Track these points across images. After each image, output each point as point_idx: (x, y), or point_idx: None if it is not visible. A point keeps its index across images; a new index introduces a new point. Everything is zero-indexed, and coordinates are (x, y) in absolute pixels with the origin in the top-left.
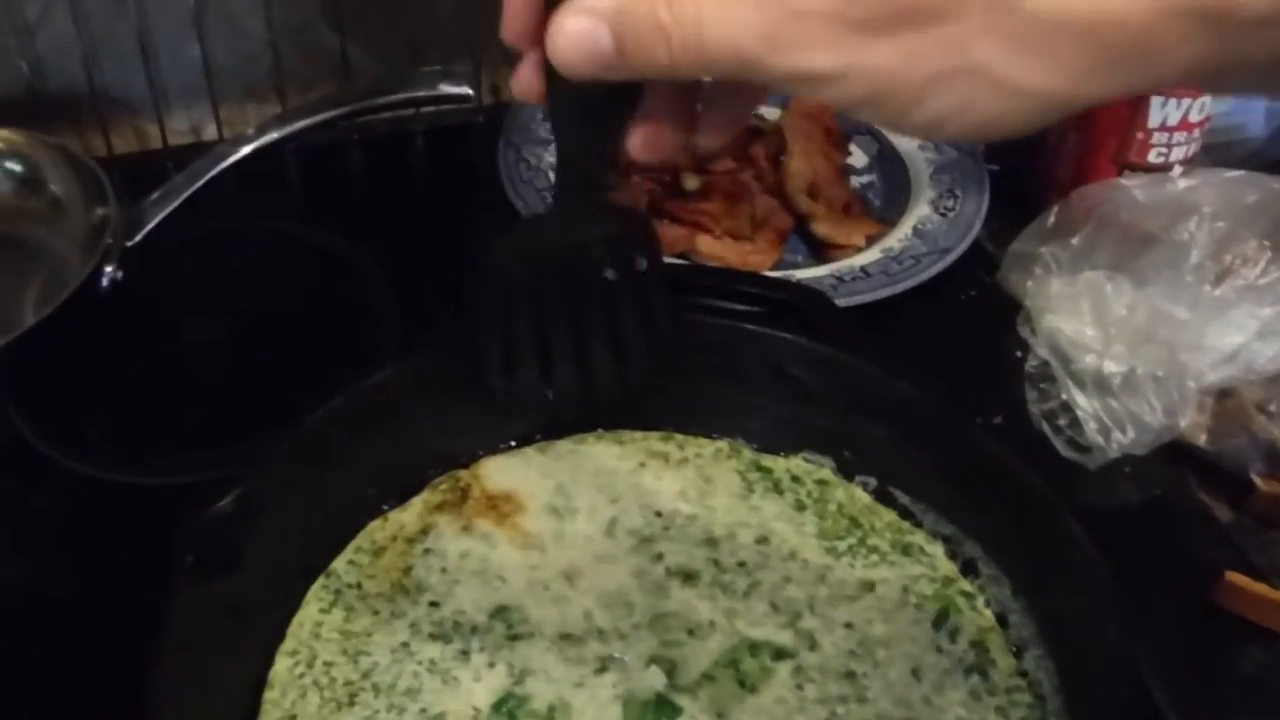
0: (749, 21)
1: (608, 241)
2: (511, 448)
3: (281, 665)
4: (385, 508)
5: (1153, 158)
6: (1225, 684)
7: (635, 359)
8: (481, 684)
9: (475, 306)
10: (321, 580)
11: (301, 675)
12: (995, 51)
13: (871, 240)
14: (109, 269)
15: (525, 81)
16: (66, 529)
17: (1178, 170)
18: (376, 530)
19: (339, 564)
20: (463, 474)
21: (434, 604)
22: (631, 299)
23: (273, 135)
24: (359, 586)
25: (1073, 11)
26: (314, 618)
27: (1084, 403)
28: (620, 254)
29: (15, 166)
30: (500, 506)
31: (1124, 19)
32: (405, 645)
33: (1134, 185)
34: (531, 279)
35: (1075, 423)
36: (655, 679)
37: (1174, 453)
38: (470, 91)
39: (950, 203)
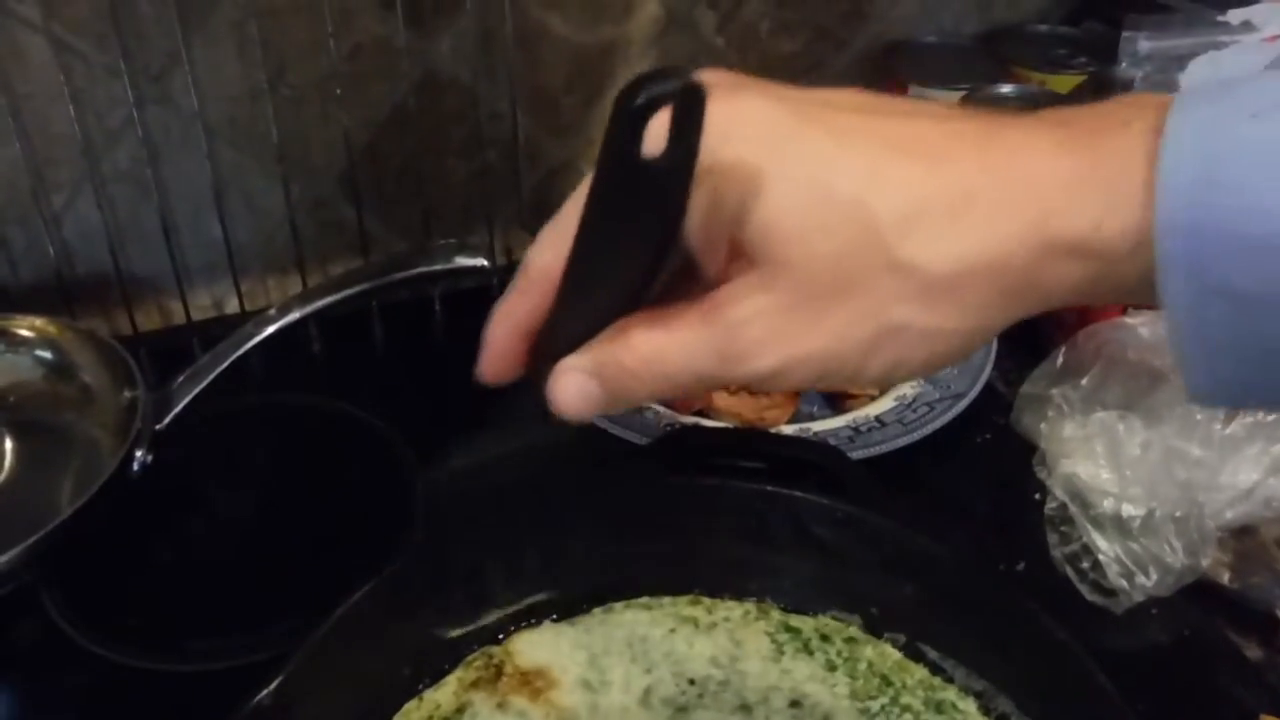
0: (698, 346)
1: None
2: (541, 623)
3: None
4: (420, 687)
5: None
6: None
7: None
8: None
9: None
10: None
11: None
12: (910, 310)
13: (885, 389)
14: (139, 453)
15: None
16: (101, 716)
17: None
18: (413, 711)
19: None
20: (495, 650)
21: None
22: None
23: (295, 314)
24: None
25: (967, 261)
26: None
27: (1105, 546)
28: None
29: (47, 354)
30: (534, 682)
31: (1010, 261)
32: None
33: (1139, 323)
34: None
35: (1098, 566)
36: None
37: (1199, 592)
38: (486, 264)
39: None
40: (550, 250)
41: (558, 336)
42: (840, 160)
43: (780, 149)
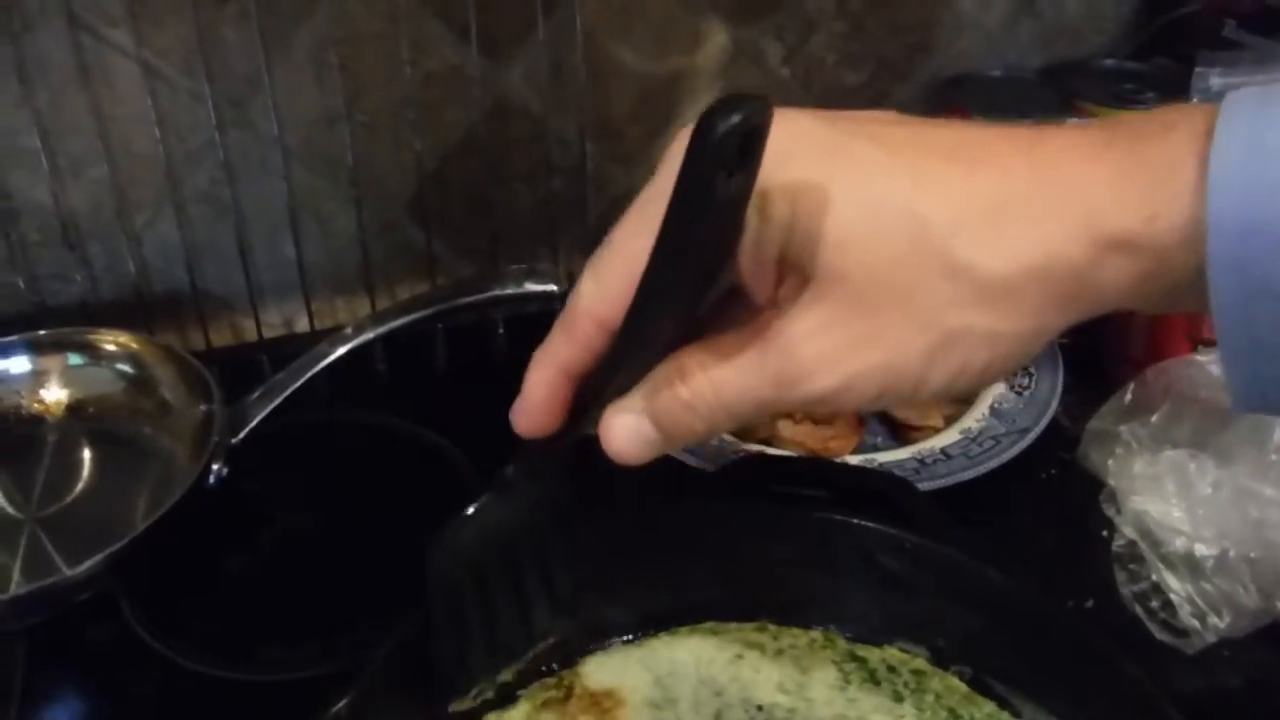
0: (755, 371)
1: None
2: (608, 646)
3: None
4: (491, 712)
5: None
6: None
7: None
8: None
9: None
10: None
11: None
12: (969, 314)
13: (949, 421)
14: (215, 466)
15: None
16: None
17: None
18: None
19: None
20: (564, 673)
21: None
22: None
23: (369, 334)
24: None
25: (1021, 262)
26: None
27: (1176, 585)
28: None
29: (127, 368)
30: (602, 703)
31: (1063, 259)
32: None
33: (1209, 361)
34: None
35: (1168, 605)
36: None
37: (1273, 635)
38: (556, 288)
39: (1025, 380)
40: (598, 294)
41: (611, 379)
42: (888, 168)
43: (828, 163)
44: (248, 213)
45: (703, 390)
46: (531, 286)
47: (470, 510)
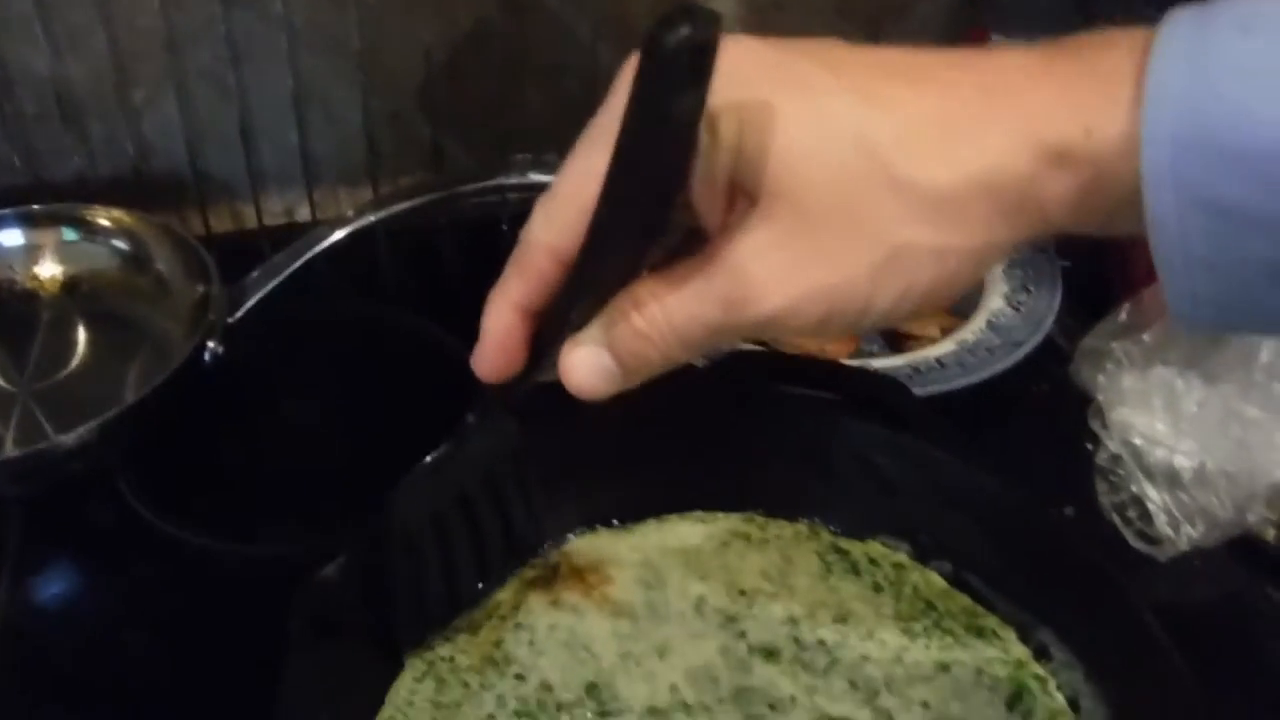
0: (703, 295)
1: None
2: (596, 529)
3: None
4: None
5: None
6: None
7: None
8: None
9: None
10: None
11: None
12: (914, 230)
13: (946, 332)
14: (212, 344)
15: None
16: (174, 595)
17: None
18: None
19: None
20: (551, 554)
21: (519, 677)
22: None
23: (369, 218)
24: (451, 660)
25: (966, 174)
26: (409, 685)
27: (1154, 495)
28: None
29: (123, 245)
30: (588, 578)
31: (1005, 172)
32: (492, 718)
33: None
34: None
35: (1145, 515)
36: None
37: (1244, 549)
38: None
39: (1023, 297)
40: (551, 225)
41: (568, 313)
42: (834, 88)
43: (775, 84)
44: (251, 96)
45: (655, 318)
46: (536, 176)
47: (430, 460)
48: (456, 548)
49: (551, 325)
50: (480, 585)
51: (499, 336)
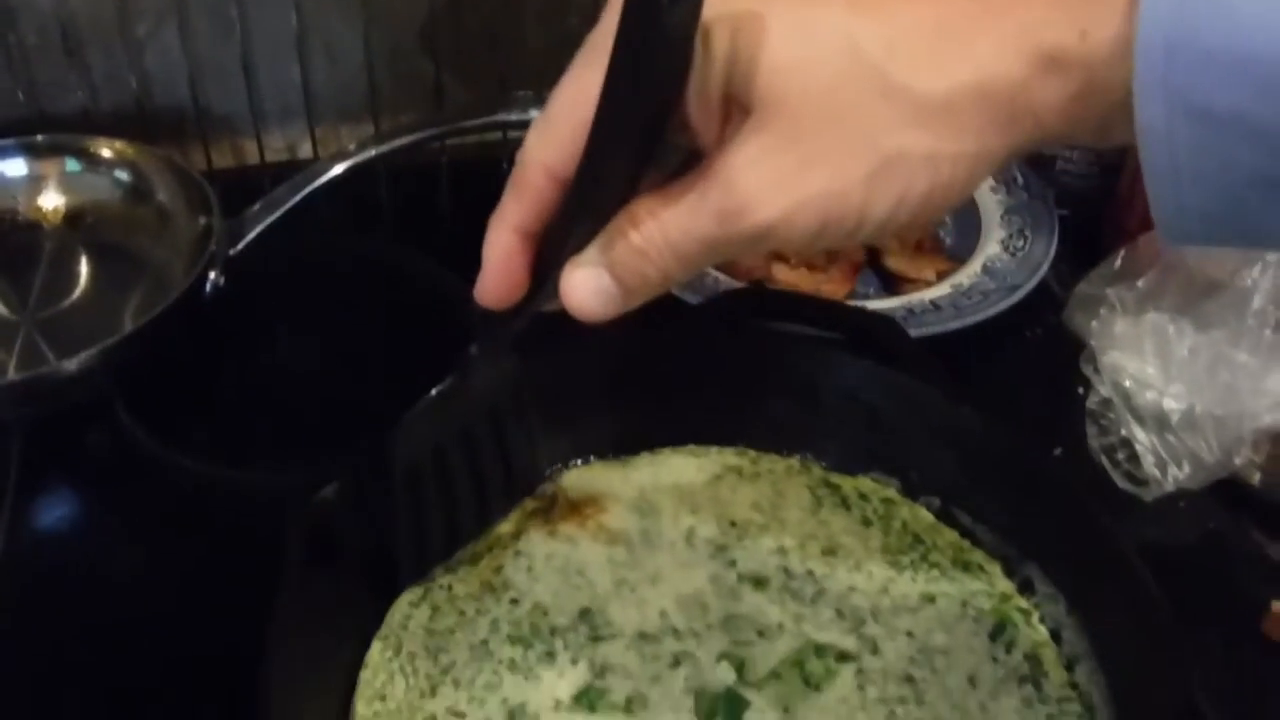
0: (698, 208)
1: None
2: (591, 462)
3: (375, 649)
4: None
5: None
6: (1273, 710)
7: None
8: (565, 679)
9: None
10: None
11: (391, 660)
12: (907, 136)
13: (942, 276)
14: (212, 275)
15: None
16: (171, 520)
17: None
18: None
19: None
20: (547, 485)
21: (514, 601)
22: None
23: (370, 153)
24: (449, 589)
25: (958, 79)
26: (404, 610)
27: (1143, 437)
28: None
29: (124, 176)
30: (584, 509)
31: (998, 77)
32: (485, 644)
33: None
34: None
35: (1133, 457)
36: (725, 674)
37: (1229, 491)
38: None
39: (1020, 243)
40: (547, 145)
41: (568, 234)
42: None
43: None
44: (253, 31)
45: (652, 235)
46: (536, 113)
47: (433, 393)
48: (458, 482)
49: (551, 248)
50: (481, 520)
51: (500, 261)
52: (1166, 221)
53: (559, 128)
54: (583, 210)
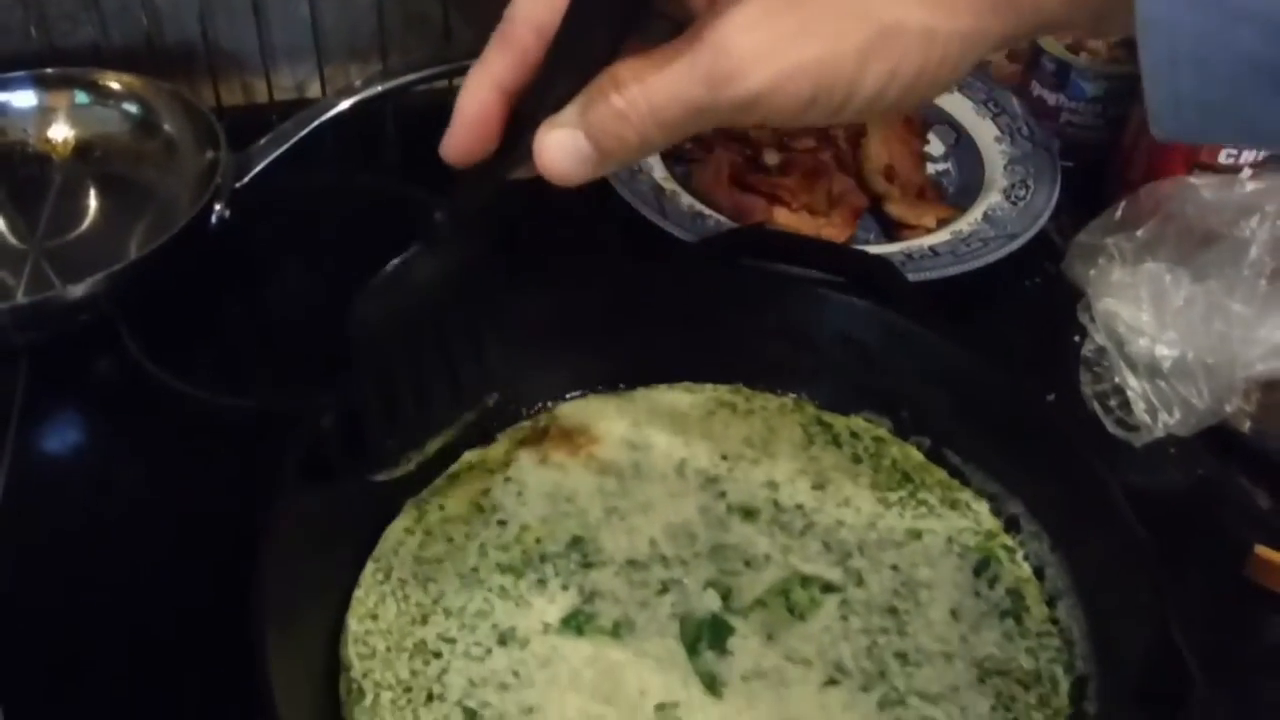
0: (686, 72)
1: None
2: (586, 394)
3: (368, 570)
4: (471, 450)
5: (1223, 158)
6: (1250, 650)
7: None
8: (555, 604)
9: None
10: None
11: (382, 583)
12: (904, 7)
13: (942, 223)
14: (218, 207)
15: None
16: (172, 444)
17: (1247, 172)
18: (469, 460)
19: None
20: (541, 416)
21: (502, 523)
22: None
23: (377, 89)
24: (442, 508)
25: None
26: (398, 535)
27: (1134, 383)
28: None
29: (132, 109)
30: (575, 439)
31: None
32: (475, 571)
33: (1202, 184)
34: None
35: (1125, 404)
36: (711, 601)
37: (1219, 438)
38: None
39: (1022, 192)
40: (539, 2)
41: (547, 93)
42: None
43: None
44: None
45: (634, 97)
46: None
47: (397, 262)
48: (425, 353)
49: (528, 107)
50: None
51: (474, 114)
52: (1161, 112)
53: None
54: (563, 67)
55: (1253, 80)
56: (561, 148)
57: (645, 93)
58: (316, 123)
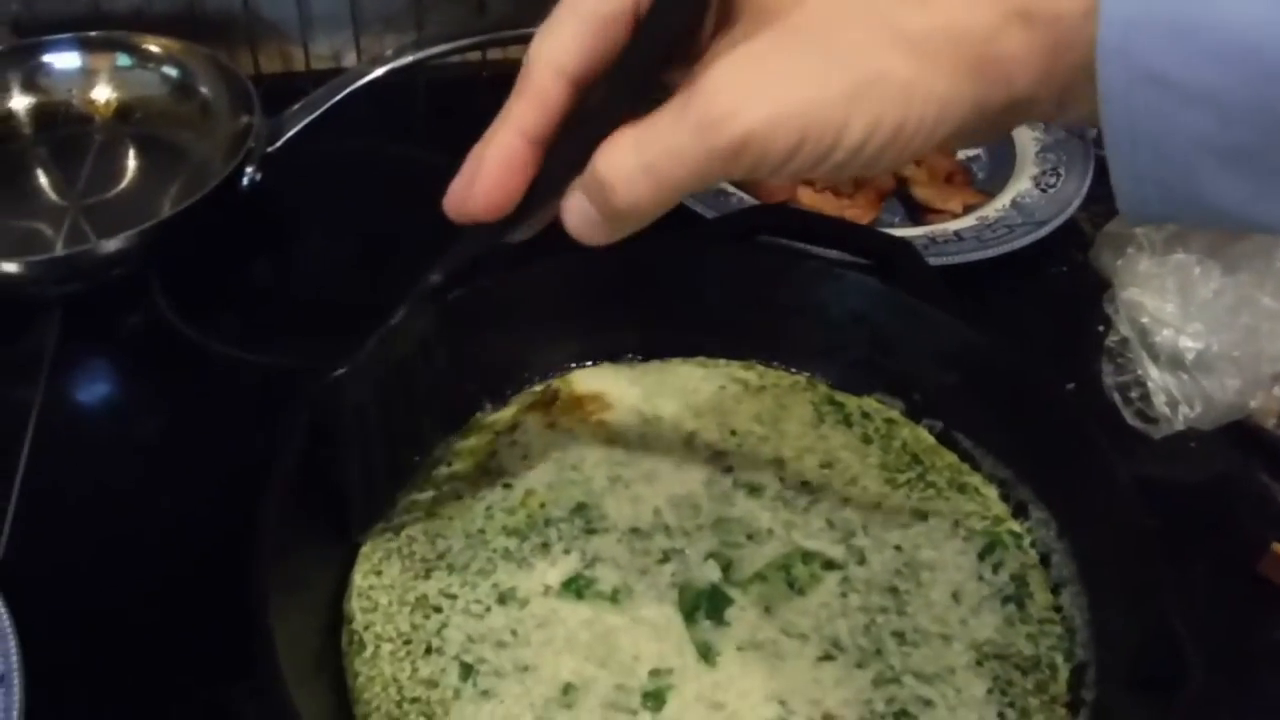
0: (677, 124)
1: None
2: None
3: (376, 528)
4: (486, 405)
5: None
6: (1259, 645)
7: None
8: (556, 568)
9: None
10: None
11: (390, 540)
12: (887, 56)
13: (969, 209)
14: (249, 170)
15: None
16: (201, 399)
17: None
18: (476, 422)
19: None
20: (554, 381)
21: (507, 485)
22: None
23: (408, 58)
24: (449, 465)
25: (934, 21)
26: (411, 496)
27: (1156, 375)
28: None
29: (171, 71)
30: (586, 405)
31: (971, 21)
32: (481, 532)
33: None
34: None
35: (1146, 396)
36: (711, 572)
37: (1240, 434)
38: None
39: (1053, 180)
40: (560, 46)
41: (579, 144)
42: None
43: None
44: None
45: (625, 159)
46: None
47: (384, 330)
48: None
49: (559, 157)
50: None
51: (500, 165)
52: (1124, 190)
53: (573, 26)
54: (604, 115)
55: (1208, 162)
56: (578, 214)
57: (634, 149)
58: (348, 90)
